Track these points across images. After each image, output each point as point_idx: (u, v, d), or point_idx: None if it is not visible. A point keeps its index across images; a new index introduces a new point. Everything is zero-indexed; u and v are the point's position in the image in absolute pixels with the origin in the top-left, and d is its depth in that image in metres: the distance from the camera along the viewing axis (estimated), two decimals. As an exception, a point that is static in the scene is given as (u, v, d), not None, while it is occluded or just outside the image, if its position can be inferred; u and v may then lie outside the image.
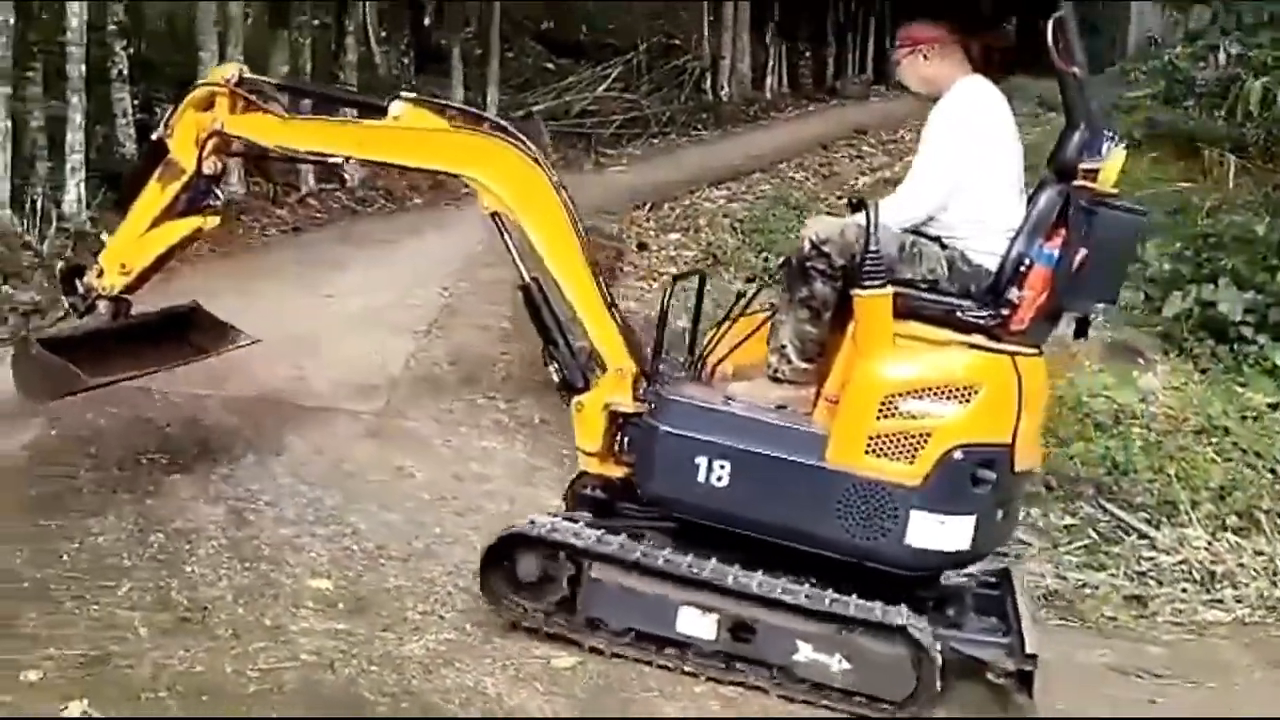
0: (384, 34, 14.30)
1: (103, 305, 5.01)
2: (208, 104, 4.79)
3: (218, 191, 4.99)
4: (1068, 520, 5.57)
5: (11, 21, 8.39)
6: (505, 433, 6.07)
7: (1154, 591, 5.13)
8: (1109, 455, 6.02)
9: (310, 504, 5.04)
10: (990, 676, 3.88)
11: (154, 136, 5.00)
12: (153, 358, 5.13)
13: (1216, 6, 12.12)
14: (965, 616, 4.18)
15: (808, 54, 22.40)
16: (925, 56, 4.29)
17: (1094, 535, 5.49)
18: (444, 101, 4.87)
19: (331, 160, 6.32)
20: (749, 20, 19.41)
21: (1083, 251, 3.86)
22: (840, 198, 12.42)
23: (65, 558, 4.38)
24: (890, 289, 3.87)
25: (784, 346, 4.14)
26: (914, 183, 4.15)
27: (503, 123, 4.69)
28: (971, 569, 4.21)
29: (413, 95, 4.76)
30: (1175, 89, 14.90)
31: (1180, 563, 5.29)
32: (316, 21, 12.76)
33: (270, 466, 5.34)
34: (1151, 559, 5.34)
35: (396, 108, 4.50)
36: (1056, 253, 3.89)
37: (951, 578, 4.20)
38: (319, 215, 10.59)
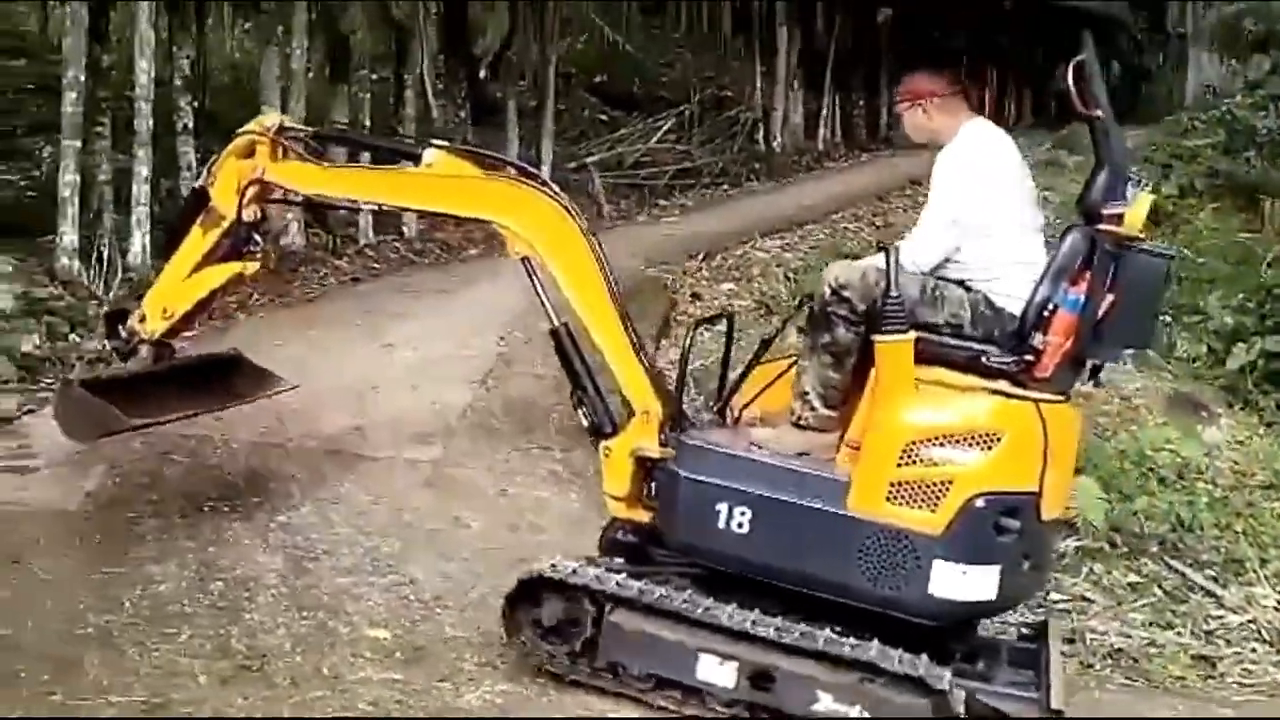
0: (441, 87, 14.50)
1: (145, 349, 5.11)
2: (249, 152, 4.91)
3: (258, 238, 5.05)
4: (1132, 578, 5.46)
5: (82, 78, 8.62)
6: (560, 483, 6.08)
7: (1222, 651, 5.01)
8: (1173, 511, 5.90)
9: (368, 553, 5.06)
10: None
11: (196, 184, 5.15)
12: (194, 402, 5.22)
13: (1276, 56, 12.02)
14: (997, 668, 4.09)
15: (860, 103, 22.42)
16: (925, 110, 4.30)
17: (1160, 593, 5.37)
18: (477, 149, 4.95)
19: (366, 207, 6.48)
20: (801, 71, 19.50)
21: (1109, 297, 3.82)
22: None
23: (127, 604, 4.44)
24: (911, 334, 3.83)
25: (807, 393, 4.12)
26: (923, 228, 4.14)
27: (533, 170, 4.76)
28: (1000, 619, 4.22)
29: (445, 144, 4.86)
30: (1235, 139, 14.72)
31: (1249, 621, 5.17)
32: (375, 75, 13.00)
33: (329, 515, 5.38)
34: (1219, 618, 5.21)
35: (430, 155, 4.60)
36: (1082, 298, 3.84)
37: (984, 629, 4.17)
38: (376, 266, 10.72)
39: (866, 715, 3.70)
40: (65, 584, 4.57)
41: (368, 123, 11.57)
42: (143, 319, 5.08)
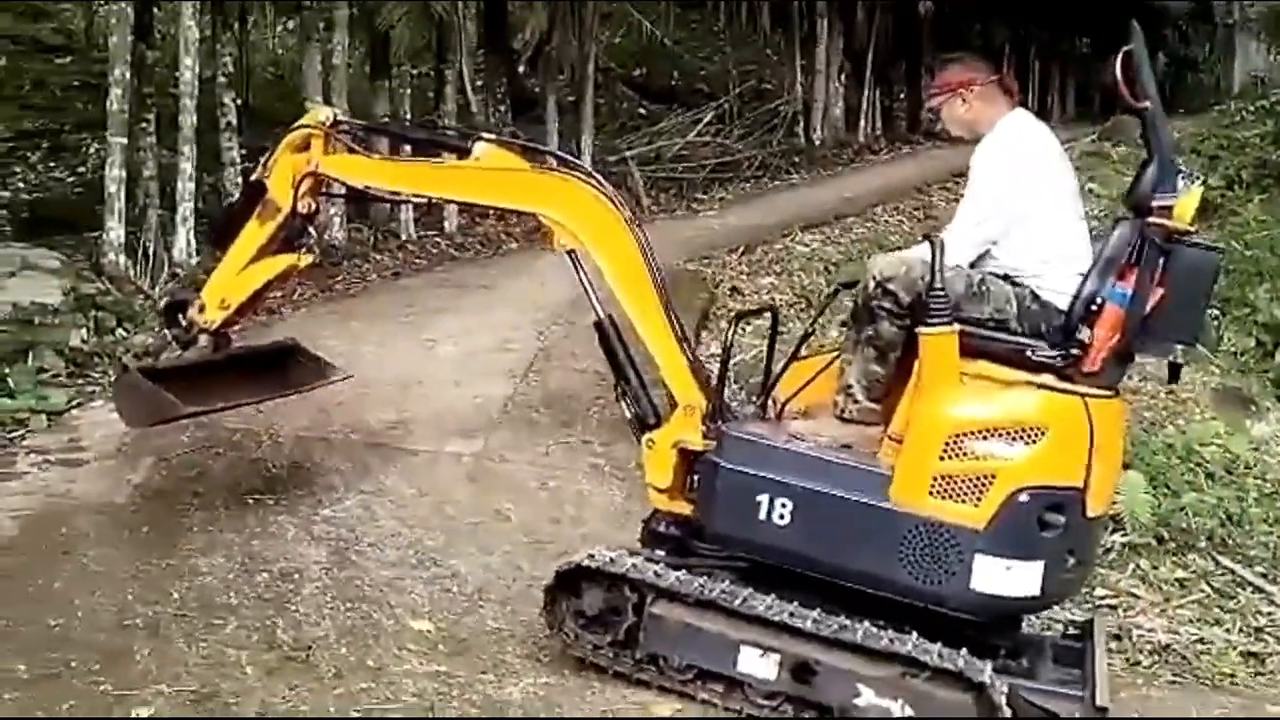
0: (480, 83, 14.56)
1: (204, 339, 5.18)
2: (304, 146, 4.96)
3: (311, 230, 5.14)
4: (1180, 574, 5.38)
5: (127, 76, 8.73)
6: (601, 476, 6.08)
7: (1272, 648, 4.92)
8: (1222, 506, 5.82)
9: (411, 545, 5.09)
10: None
11: (253, 177, 5.20)
12: (250, 390, 5.30)
13: (1325, 45, 11.81)
14: (1042, 665, 4.04)
15: (902, 96, 22.29)
16: (964, 100, 4.26)
17: (1208, 589, 5.29)
18: (523, 142, 4.97)
19: (418, 200, 6.61)
20: (842, 64, 19.39)
21: (1159, 291, 3.75)
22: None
23: (175, 595, 4.49)
24: (955, 327, 3.77)
25: (850, 386, 4.10)
26: (963, 220, 4.09)
27: (577, 162, 4.75)
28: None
29: (493, 137, 4.90)
30: (1284, 129, 14.52)
31: (1299, 618, 5.08)
32: (415, 70, 13.06)
33: (372, 508, 5.42)
34: (1269, 614, 5.13)
35: (479, 149, 4.64)
36: (1129, 292, 3.77)
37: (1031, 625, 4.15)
38: (418, 260, 10.79)
39: (909, 710, 3.67)
40: (114, 575, 4.63)
41: (408, 117, 11.65)
42: (202, 309, 5.13)
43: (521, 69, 15.93)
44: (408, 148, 6.01)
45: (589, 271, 4.42)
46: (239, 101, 10.79)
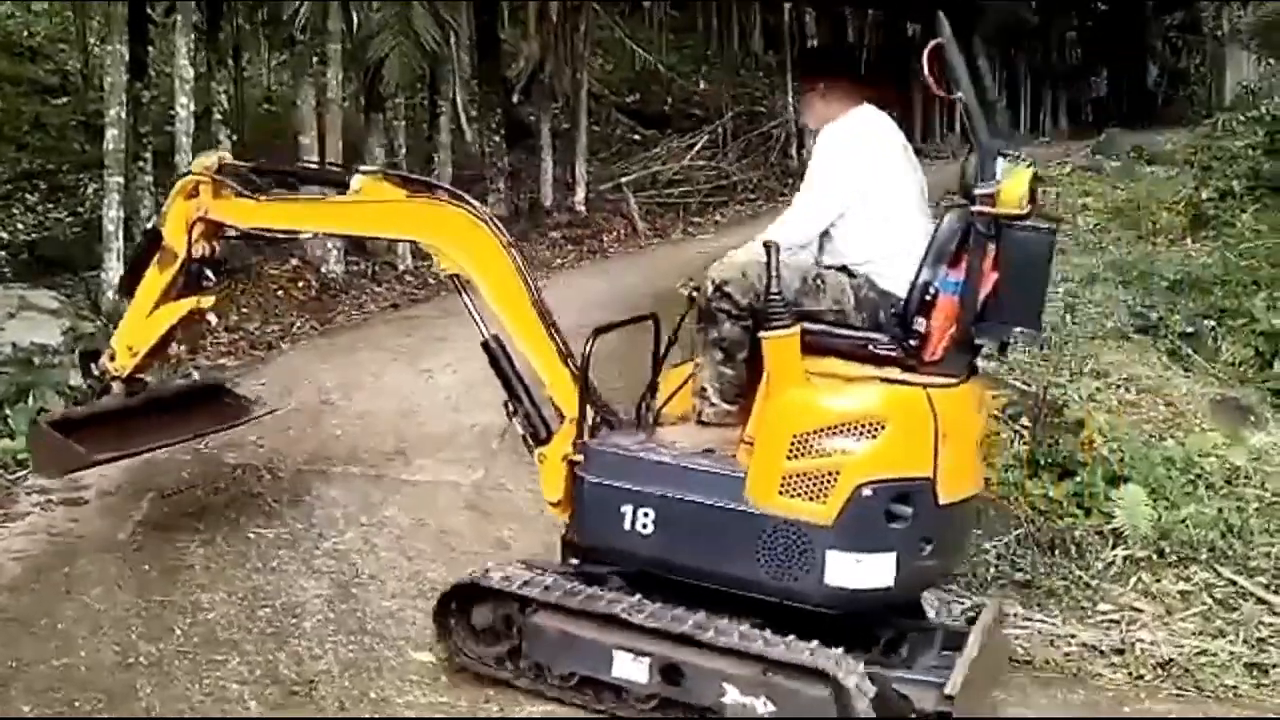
0: (474, 113, 14.64)
1: (116, 386, 5.27)
2: (195, 192, 5.06)
3: (209, 273, 5.20)
4: (1181, 586, 5.37)
5: (123, 115, 8.79)
6: (602, 503, 6.08)
7: (1275, 659, 4.90)
8: (1222, 517, 5.82)
9: (412, 577, 5.09)
10: (912, 717, 3.69)
11: (149, 225, 5.21)
12: (169, 431, 5.39)
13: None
14: (924, 654, 4.01)
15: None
16: (821, 95, 4.32)
17: (1210, 601, 5.28)
18: (403, 173, 5.13)
19: (303, 236, 6.93)
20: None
21: (994, 277, 3.72)
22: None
23: (178, 632, 4.49)
24: (796, 329, 3.78)
25: (704, 390, 4.13)
26: (798, 204, 4.14)
27: (455, 190, 4.85)
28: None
29: (371, 169, 5.08)
30: (1276, 139, 14.57)
31: (1302, 628, 5.07)
32: (410, 102, 13.14)
33: (373, 540, 5.43)
34: (1272, 625, 5.11)
35: (356, 182, 4.76)
36: (960, 280, 3.77)
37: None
38: (416, 292, 10.83)
39: (771, 707, 3.66)
40: (117, 614, 4.63)
41: (403, 149, 11.71)
42: (112, 357, 5.24)
43: (515, 98, 16.01)
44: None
45: (472, 295, 4.52)
46: (234, 138, 10.86)
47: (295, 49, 11.89)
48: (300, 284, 10.40)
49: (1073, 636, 4.81)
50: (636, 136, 19.08)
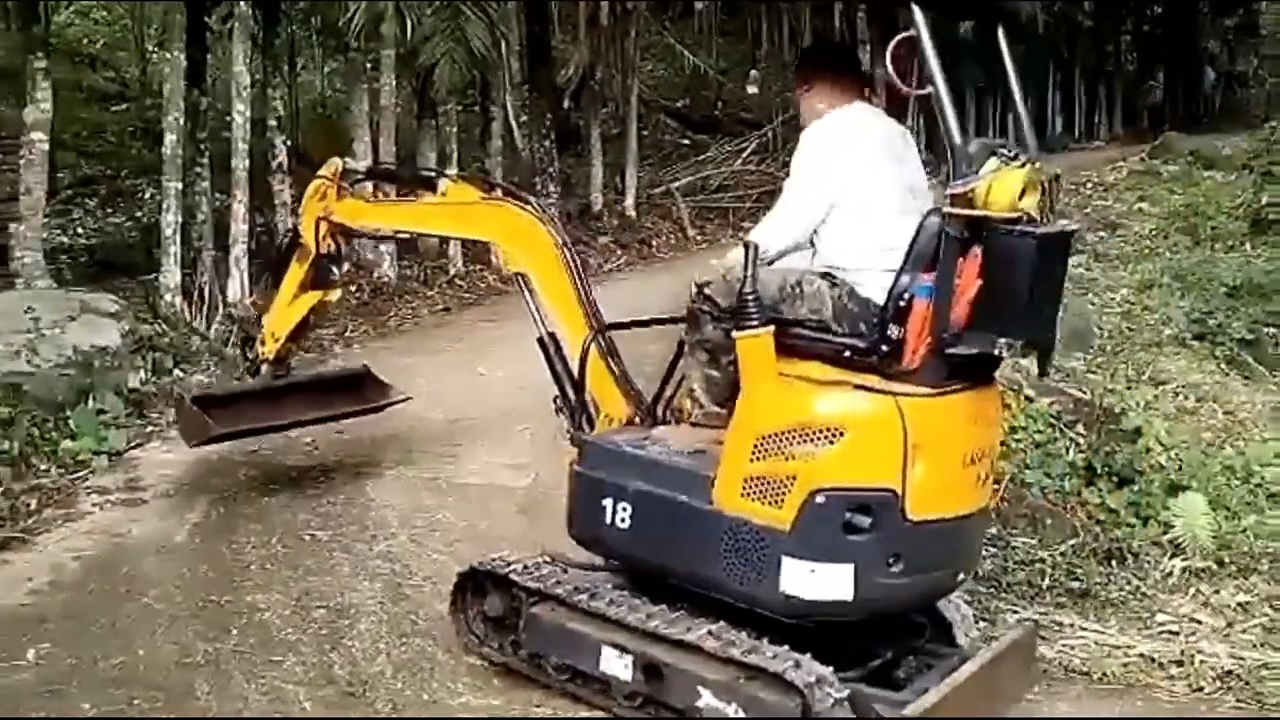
0: (525, 118, 14.72)
1: (265, 368, 5.94)
2: (324, 194, 5.59)
3: (334, 269, 5.75)
4: (1241, 597, 5.28)
5: (181, 121, 8.92)
6: (652, 507, 6.08)
7: (1339, 672, 4.82)
8: (1284, 527, 5.72)
9: (465, 579, 5.11)
10: None
11: (291, 224, 5.87)
12: (302, 411, 5.99)
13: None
14: (925, 675, 3.89)
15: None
16: (816, 94, 4.21)
17: (1271, 612, 5.19)
18: (486, 178, 5.29)
19: (402, 235, 7.73)
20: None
21: (978, 283, 3.52)
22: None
23: (234, 633, 4.55)
24: (768, 329, 3.71)
25: (693, 390, 4.13)
26: (778, 207, 4.04)
27: (521, 192, 5.11)
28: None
29: (459, 173, 5.41)
30: (1337, 142, 14.28)
31: (1366, 640, 4.96)
32: (461, 108, 13.22)
33: (426, 543, 5.46)
34: (1336, 637, 5.03)
35: (442, 184, 5.15)
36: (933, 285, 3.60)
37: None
38: (467, 295, 10.90)
39: (742, 714, 3.61)
40: (175, 614, 4.70)
41: (455, 154, 11.78)
42: (262, 342, 5.89)
43: (566, 104, 16.08)
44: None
45: (536, 294, 4.70)
46: (289, 143, 10.97)
47: (349, 55, 12.03)
48: (354, 288, 10.50)
49: (1131, 647, 4.75)
50: (686, 141, 19.08)
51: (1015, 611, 5.03)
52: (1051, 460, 6.12)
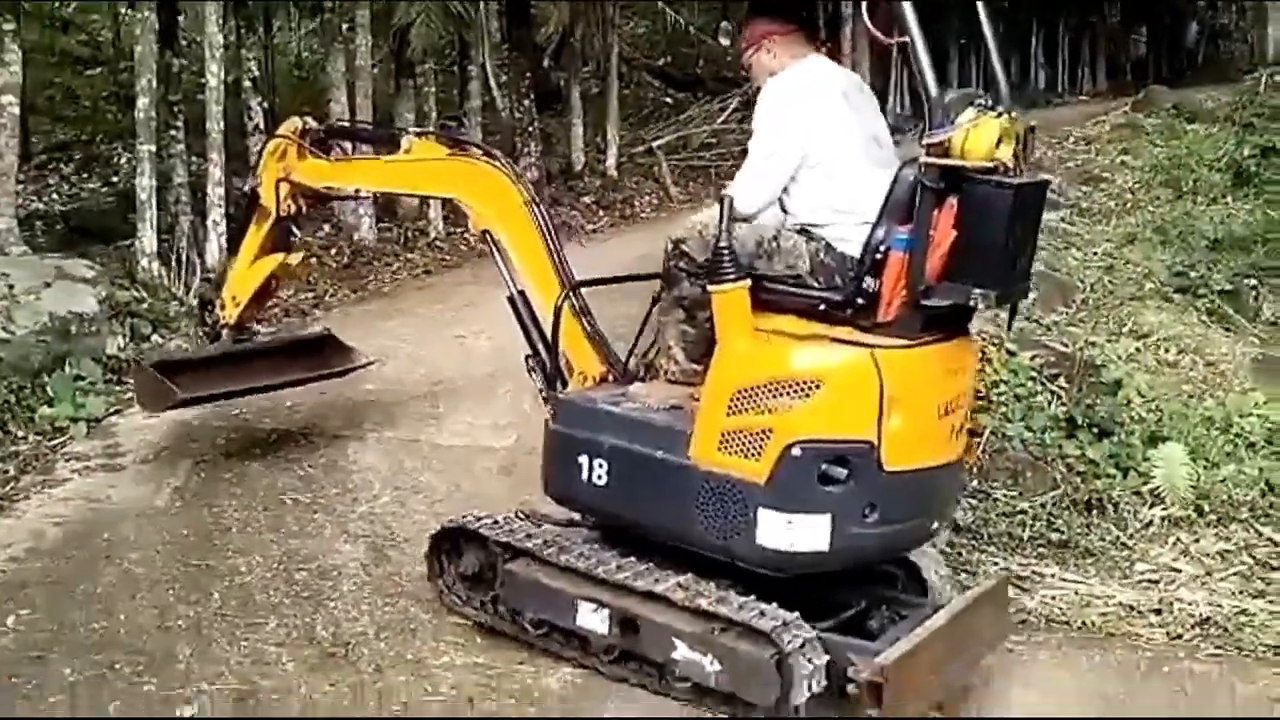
0: (504, 78, 14.59)
1: (225, 333, 5.83)
2: (284, 154, 5.46)
3: (294, 230, 5.71)
4: (1221, 546, 5.32)
5: (154, 84, 8.80)
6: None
7: (1317, 619, 4.86)
8: (1263, 477, 5.76)
9: (447, 540, 5.11)
10: (850, 688, 3.55)
11: (247, 186, 5.86)
12: (266, 376, 5.91)
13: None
14: (896, 625, 3.92)
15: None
16: (768, 51, 4.12)
17: (1250, 561, 5.24)
18: (452, 134, 5.23)
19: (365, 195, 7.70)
20: (866, 46, 19.27)
21: (953, 234, 3.51)
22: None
23: (216, 596, 4.54)
24: (744, 283, 3.70)
25: (670, 347, 4.13)
26: (746, 168, 3.97)
27: (488, 148, 5.10)
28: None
29: (423, 130, 5.28)
30: (1319, 94, 14.30)
31: (1344, 587, 5.01)
32: (440, 68, 13.09)
33: (408, 504, 5.45)
34: (1314, 584, 5.07)
35: (406, 141, 5.11)
36: (909, 236, 3.57)
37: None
38: (448, 258, 10.83)
39: (718, 665, 3.66)
40: (156, 578, 4.69)
41: (433, 115, 11.67)
42: (222, 306, 5.80)
43: (545, 63, 15.92)
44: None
45: (503, 252, 4.66)
46: (265, 105, 10.84)
47: (324, 16, 11.88)
48: (333, 251, 10.43)
49: (1110, 596, 4.80)
50: (668, 99, 18.94)
51: (996, 563, 5.07)
52: (1033, 413, 6.14)
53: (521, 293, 4.57)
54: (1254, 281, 9.63)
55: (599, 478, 4.02)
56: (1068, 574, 5.02)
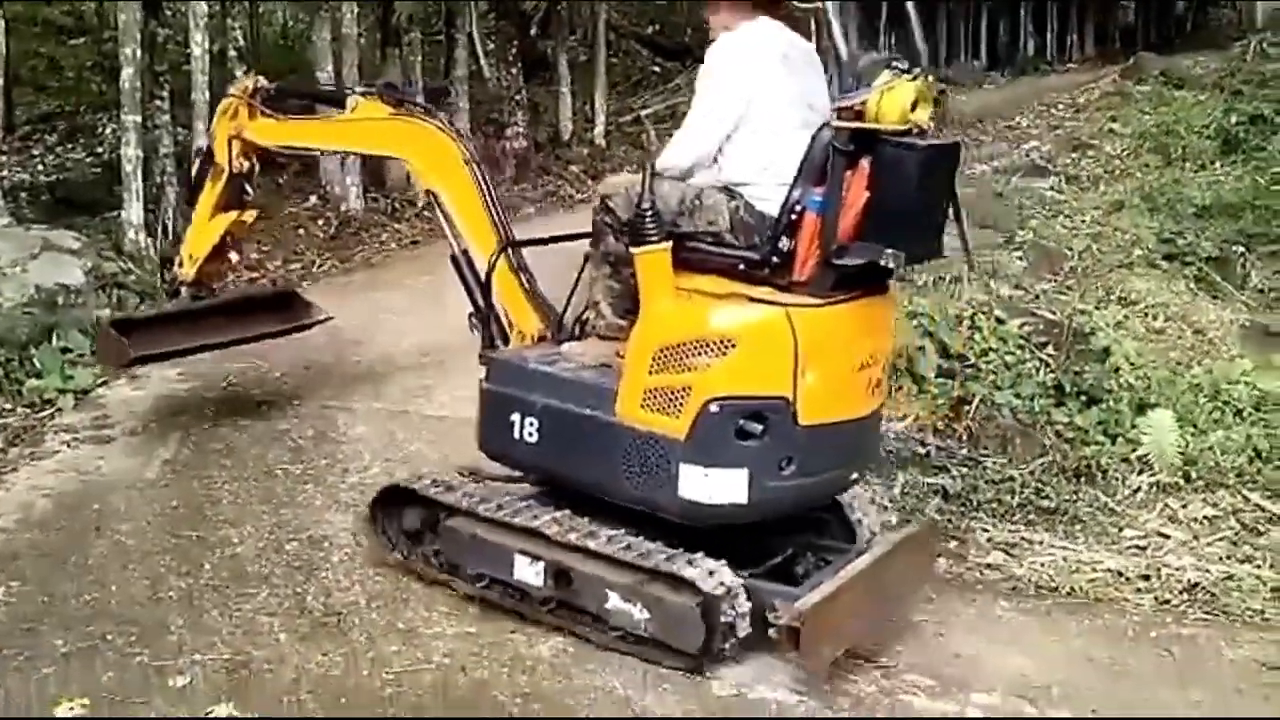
0: (491, 46, 14.49)
1: (184, 290, 5.91)
2: (236, 113, 5.55)
3: (248, 187, 5.75)
4: (1208, 511, 5.36)
5: (138, 54, 8.72)
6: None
7: (1304, 583, 4.90)
8: (1251, 443, 5.79)
9: (438, 510, 5.11)
10: (771, 632, 3.68)
11: (201, 144, 5.71)
12: (226, 334, 5.94)
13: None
14: (819, 573, 4.01)
15: (919, 43, 21.99)
16: (719, 12, 4.14)
17: (1237, 526, 5.27)
18: (396, 93, 5.26)
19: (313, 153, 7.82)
20: (855, 12, 19.16)
21: (866, 195, 3.59)
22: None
23: (207, 567, 4.54)
24: (666, 244, 3.79)
25: (598, 303, 4.20)
26: (686, 124, 4.04)
27: (429, 106, 5.20)
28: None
29: (369, 88, 5.31)
30: (1308, 61, 14.28)
31: (1331, 552, 5.04)
32: (426, 37, 12.99)
33: (397, 474, 5.40)
34: (1299, 549, 5.10)
35: (351, 101, 5.16)
36: (822, 197, 3.64)
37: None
38: (435, 229, 10.75)
39: (647, 614, 3.80)
40: (147, 549, 4.68)
41: (420, 84, 11.59)
42: (180, 264, 5.89)
43: (532, 31, 15.81)
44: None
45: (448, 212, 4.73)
46: (250, 74, 10.75)
47: (310, -16, 11.76)
48: (320, 221, 10.38)
49: (1099, 563, 4.83)
50: (656, 68, 18.84)
51: (985, 530, 5.09)
52: (1022, 381, 6.16)
53: (465, 253, 4.65)
54: (1242, 248, 9.64)
55: (530, 435, 4.13)
56: (1056, 540, 5.05)
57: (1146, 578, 4.80)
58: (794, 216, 3.72)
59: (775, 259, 3.75)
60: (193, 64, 9.30)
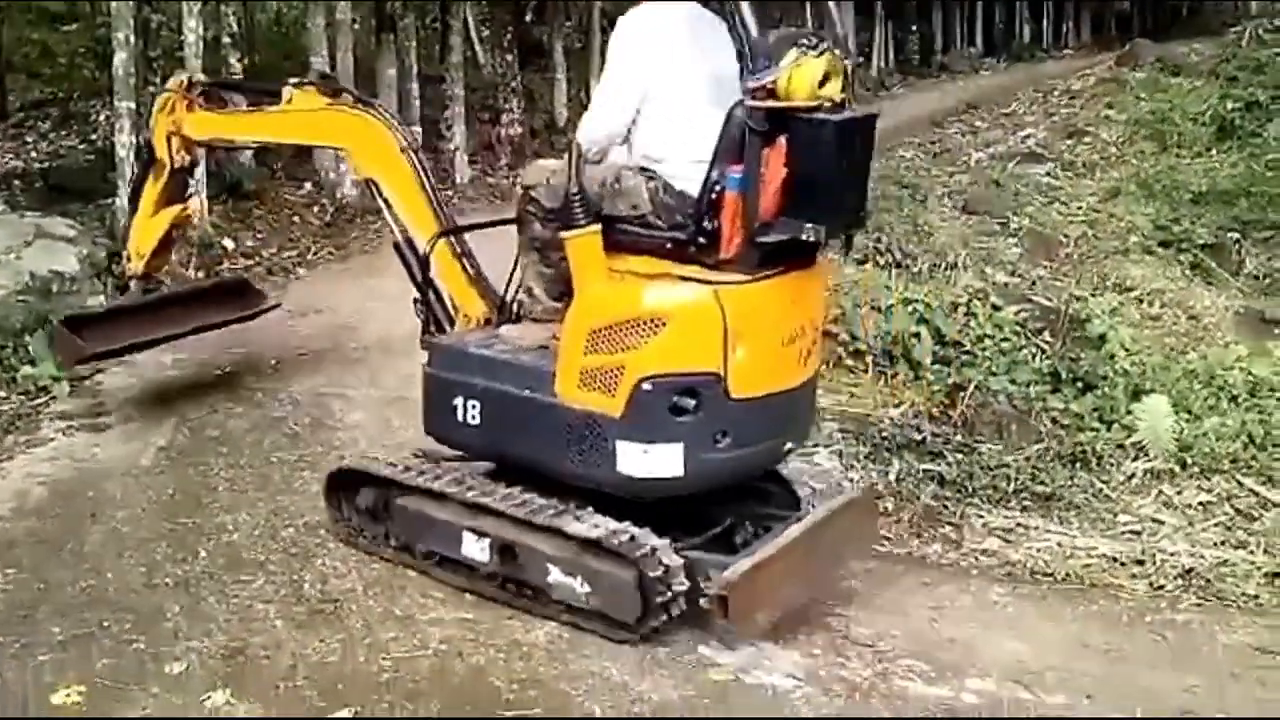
0: (486, 33, 14.45)
1: (134, 284, 5.98)
2: (173, 108, 5.58)
3: (190, 181, 5.87)
4: (1203, 497, 5.38)
5: (131, 40, 8.69)
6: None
7: (1297, 568, 4.92)
8: (1245, 429, 5.80)
9: (434, 497, 5.11)
10: (703, 601, 3.80)
11: (142, 139, 5.92)
12: (178, 326, 5.97)
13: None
14: (756, 542, 4.07)
15: (914, 29, 22.01)
16: None
17: (1231, 512, 5.29)
18: (333, 84, 5.28)
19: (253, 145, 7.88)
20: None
21: (784, 171, 3.63)
22: (952, 174, 12.21)
23: (203, 554, 4.54)
24: (595, 227, 3.85)
25: (530, 288, 4.26)
26: (594, 101, 4.08)
27: (364, 97, 5.18)
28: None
29: (303, 80, 5.29)
30: (1306, 47, 14.27)
31: (1324, 537, 5.06)
32: (421, 24, 12.96)
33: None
34: (1293, 535, 5.12)
35: (287, 93, 5.17)
36: (740, 176, 3.68)
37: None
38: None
39: (588, 587, 3.89)
40: (143, 536, 4.68)
41: (415, 71, 11.56)
42: (128, 259, 5.94)
43: (527, 17, 15.77)
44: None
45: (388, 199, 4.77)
46: (244, 62, 10.73)
47: (304, -30, 11.72)
48: (315, 209, 10.36)
49: (1094, 548, 4.84)
50: (651, 55, 18.80)
51: (981, 515, 5.10)
52: (1017, 367, 6.17)
53: (408, 240, 4.69)
54: (1237, 235, 9.65)
55: (473, 418, 4.20)
56: (1052, 526, 5.07)
57: (1141, 563, 4.81)
58: (715, 196, 3.75)
59: (701, 238, 3.79)
60: (186, 50, 9.26)
